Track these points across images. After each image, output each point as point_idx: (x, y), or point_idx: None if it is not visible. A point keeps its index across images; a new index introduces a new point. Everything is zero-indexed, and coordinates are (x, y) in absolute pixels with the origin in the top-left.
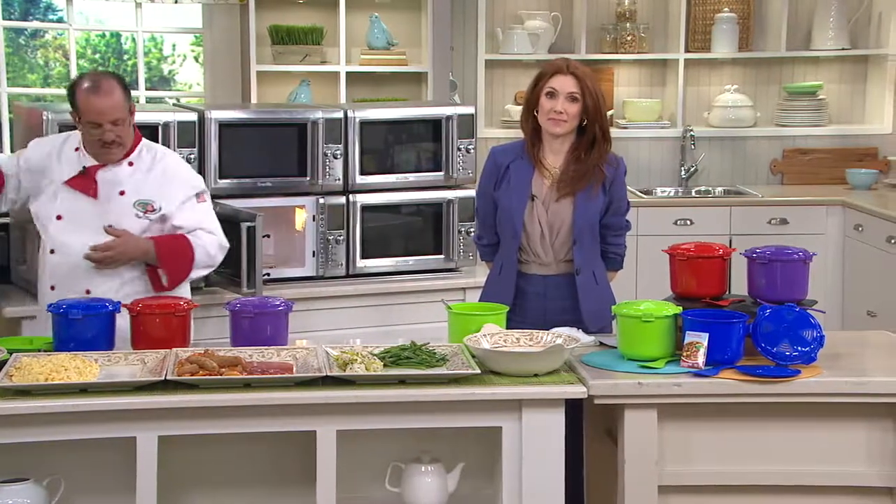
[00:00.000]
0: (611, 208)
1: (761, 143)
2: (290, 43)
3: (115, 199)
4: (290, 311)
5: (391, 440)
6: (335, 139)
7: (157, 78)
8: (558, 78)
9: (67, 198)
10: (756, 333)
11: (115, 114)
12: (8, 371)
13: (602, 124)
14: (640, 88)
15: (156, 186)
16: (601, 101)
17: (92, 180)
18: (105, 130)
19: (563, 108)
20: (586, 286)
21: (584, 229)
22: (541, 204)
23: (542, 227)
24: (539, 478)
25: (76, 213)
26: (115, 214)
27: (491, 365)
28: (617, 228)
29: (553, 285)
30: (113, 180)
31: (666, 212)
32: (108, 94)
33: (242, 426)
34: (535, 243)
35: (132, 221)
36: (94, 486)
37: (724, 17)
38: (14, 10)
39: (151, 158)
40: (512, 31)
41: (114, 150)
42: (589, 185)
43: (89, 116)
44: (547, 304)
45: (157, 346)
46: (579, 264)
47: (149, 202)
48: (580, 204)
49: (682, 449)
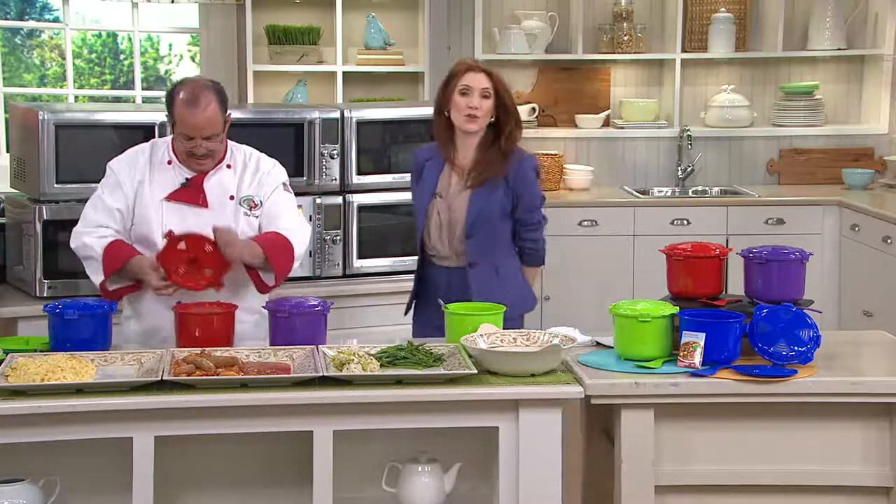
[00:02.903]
0: (520, 204)
1: (758, 142)
2: (287, 43)
3: (227, 204)
4: (327, 312)
5: (388, 440)
6: (332, 139)
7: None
8: (470, 75)
9: (172, 213)
10: (753, 333)
11: (209, 130)
12: (4, 371)
13: (516, 118)
14: (637, 88)
15: (253, 183)
16: (512, 97)
17: (199, 190)
18: (196, 144)
19: (478, 103)
20: (482, 280)
21: (478, 223)
22: (443, 200)
23: (440, 223)
24: (536, 478)
25: (186, 226)
26: (228, 220)
27: (488, 365)
28: (529, 224)
29: (455, 277)
30: (220, 186)
31: (663, 212)
32: (204, 109)
33: (239, 426)
34: (434, 238)
35: (243, 224)
36: (90, 486)
37: (721, 17)
38: (10, 10)
39: (242, 156)
40: (509, 30)
41: (204, 162)
42: (491, 178)
43: (183, 129)
44: (449, 297)
45: (201, 346)
46: (472, 258)
47: (251, 198)
48: (475, 198)
49: (679, 449)
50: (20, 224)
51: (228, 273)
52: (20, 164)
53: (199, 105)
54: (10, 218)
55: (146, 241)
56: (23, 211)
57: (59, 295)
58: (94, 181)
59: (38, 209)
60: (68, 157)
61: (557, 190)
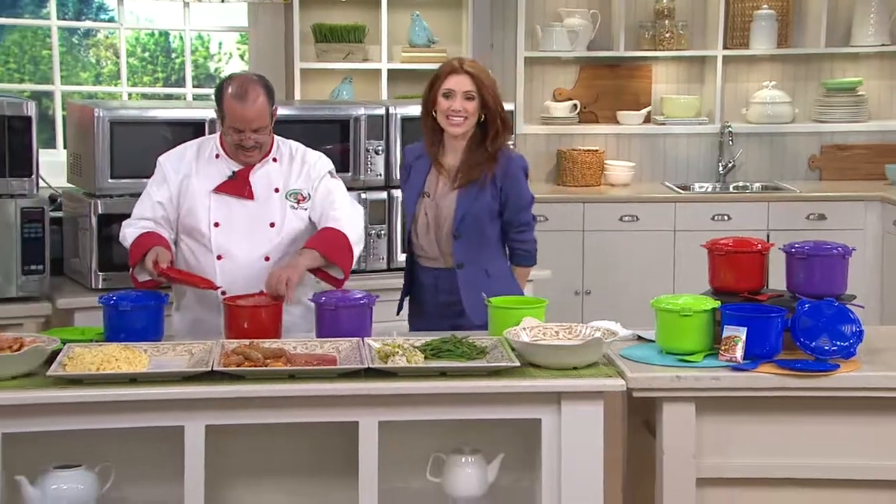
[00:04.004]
0: (508, 205)
1: (799, 139)
2: (333, 41)
3: (273, 197)
4: (372, 304)
5: (432, 431)
6: (377, 135)
7: (204, 76)
8: (453, 78)
9: (219, 204)
10: (795, 328)
11: (258, 123)
12: (61, 361)
13: (503, 117)
14: (679, 85)
15: (300, 176)
16: (498, 96)
17: (245, 182)
18: (245, 137)
19: (461, 106)
20: (470, 281)
21: (465, 224)
22: (431, 200)
23: (428, 223)
24: (578, 469)
25: (232, 218)
26: (274, 212)
27: (530, 357)
28: (518, 225)
29: (443, 278)
30: (266, 179)
31: (703, 207)
32: (253, 102)
33: (286, 416)
34: (422, 238)
35: (291, 216)
36: (143, 473)
37: (763, 13)
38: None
39: (288, 150)
40: (551, 28)
41: (252, 154)
42: (479, 178)
43: (232, 122)
44: (438, 297)
45: (250, 338)
46: (460, 259)
47: (298, 192)
48: (463, 198)
49: (721, 442)
50: (76, 218)
51: None
52: (77, 159)
53: (248, 98)
54: (67, 212)
55: (195, 234)
56: (79, 205)
57: (113, 287)
58: (147, 176)
59: (94, 203)
60: (122, 152)
61: (598, 185)
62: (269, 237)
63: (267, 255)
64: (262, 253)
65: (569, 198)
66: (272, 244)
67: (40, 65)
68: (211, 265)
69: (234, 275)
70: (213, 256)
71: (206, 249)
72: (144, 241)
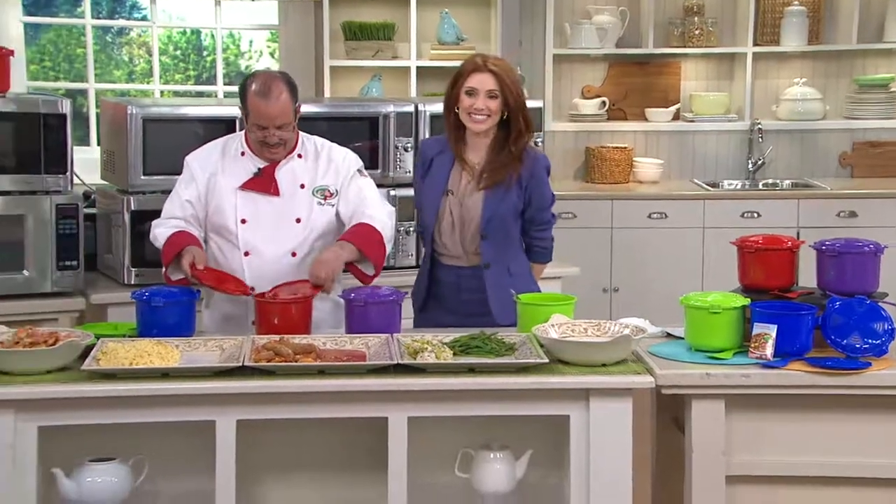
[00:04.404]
0: (532, 203)
1: (830, 135)
2: (363, 38)
3: (298, 193)
4: (401, 301)
5: (461, 427)
6: (406, 132)
7: (235, 73)
8: (476, 76)
9: (246, 201)
10: (826, 325)
11: (281, 119)
12: (95, 355)
13: (525, 116)
14: (708, 82)
15: (327, 172)
16: (521, 94)
17: (271, 179)
18: (269, 134)
19: (484, 104)
20: (496, 280)
21: (492, 224)
22: (455, 198)
23: (453, 221)
24: (606, 466)
25: (259, 215)
26: (300, 208)
27: (559, 354)
28: (539, 223)
29: (466, 277)
30: (292, 175)
31: (733, 204)
32: (277, 98)
33: (316, 412)
34: (446, 236)
35: (318, 212)
36: (175, 467)
37: (794, 10)
38: (102, 9)
39: (314, 147)
40: (580, 25)
41: (277, 151)
42: (505, 179)
43: (256, 119)
44: (461, 296)
45: (280, 333)
46: (488, 259)
47: (325, 188)
48: (490, 199)
49: (751, 439)
50: (109, 214)
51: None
52: (110, 156)
53: (272, 96)
54: (101, 208)
55: (223, 231)
56: (112, 202)
57: (145, 283)
58: (178, 173)
59: (126, 200)
60: (154, 149)
61: (627, 183)
62: (296, 233)
63: (293, 250)
64: (288, 249)
65: (597, 195)
66: (298, 240)
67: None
68: (238, 262)
69: (261, 271)
70: (240, 253)
71: (234, 246)
72: (177, 240)
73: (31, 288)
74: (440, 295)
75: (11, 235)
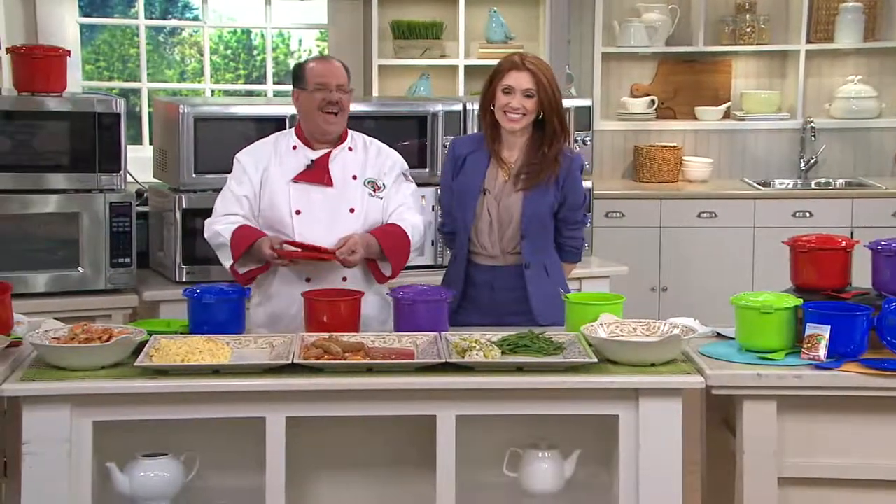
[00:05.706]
0: (566, 203)
1: (885, 134)
2: (411, 37)
3: (350, 183)
4: (449, 300)
5: (508, 426)
6: (454, 131)
7: (284, 72)
8: (513, 74)
9: (299, 193)
10: (881, 326)
11: (341, 78)
12: (148, 352)
13: (560, 117)
14: (759, 80)
15: (376, 166)
16: (558, 94)
17: (324, 170)
18: (331, 91)
19: (520, 103)
20: (536, 280)
21: (532, 224)
22: (492, 198)
23: (491, 221)
24: (656, 466)
25: (313, 205)
26: (353, 198)
27: (607, 354)
28: (572, 223)
29: (502, 276)
30: (343, 166)
31: (784, 204)
32: (334, 62)
33: (365, 409)
34: (483, 236)
35: (370, 202)
36: (226, 463)
37: (850, 6)
38: (155, 10)
39: (362, 141)
40: (629, 23)
41: (337, 118)
42: (543, 180)
43: (317, 79)
44: (496, 295)
45: (329, 331)
46: (528, 258)
47: (374, 180)
48: (530, 199)
49: (803, 441)
50: (161, 212)
51: None
52: (162, 155)
53: (330, 59)
54: (153, 206)
55: (277, 224)
56: (164, 200)
57: (196, 280)
58: (229, 171)
59: (178, 198)
60: (206, 148)
61: (676, 182)
62: (350, 223)
63: None
64: None
65: (646, 194)
66: (353, 229)
67: (128, 63)
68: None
69: (317, 262)
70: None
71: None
72: (244, 233)
73: (85, 285)
74: (472, 296)
75: (67, 233)
